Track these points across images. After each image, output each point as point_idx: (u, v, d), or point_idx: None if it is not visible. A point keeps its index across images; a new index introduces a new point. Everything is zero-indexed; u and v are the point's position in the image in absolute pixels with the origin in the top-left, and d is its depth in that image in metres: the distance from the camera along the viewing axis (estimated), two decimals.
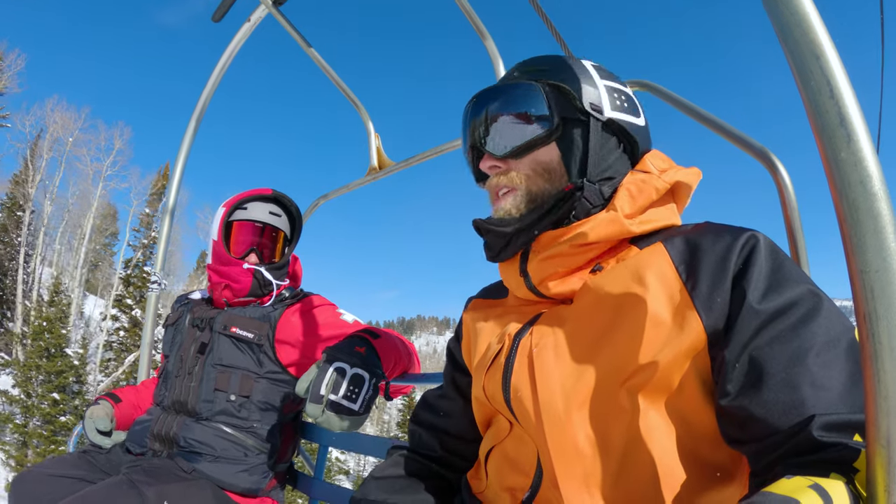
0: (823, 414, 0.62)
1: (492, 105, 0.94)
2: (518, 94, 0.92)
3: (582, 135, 0.90)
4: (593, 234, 0.85)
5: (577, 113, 0.90)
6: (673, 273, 0.79)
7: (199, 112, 2.68)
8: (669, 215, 0.91)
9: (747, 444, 0.70)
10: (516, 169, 0.92)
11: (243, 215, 1.99)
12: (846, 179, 0.51)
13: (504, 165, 0.93)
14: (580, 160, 0.90)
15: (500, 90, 0.94)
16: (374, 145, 2.36)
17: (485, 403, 0.96)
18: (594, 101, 0.90)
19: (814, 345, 0.67)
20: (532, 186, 0.91)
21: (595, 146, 0.90)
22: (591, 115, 0.90)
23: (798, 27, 0.53)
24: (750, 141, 1.22)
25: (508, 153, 0.92)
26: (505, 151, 0.92)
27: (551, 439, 0.79)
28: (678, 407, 0.77)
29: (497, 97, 0.94)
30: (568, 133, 0.91)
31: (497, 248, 0.94)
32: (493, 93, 0.95)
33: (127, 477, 1.60)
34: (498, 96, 0.94)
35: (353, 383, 1.41)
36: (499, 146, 0.92)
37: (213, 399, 1.81)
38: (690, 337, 0.74)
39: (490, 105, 0.94)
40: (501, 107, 0.93)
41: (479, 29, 1.82)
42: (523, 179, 0.92)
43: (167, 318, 2.12)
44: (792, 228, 1.17)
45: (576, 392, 0.79)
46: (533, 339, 0.87)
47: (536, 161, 0.91)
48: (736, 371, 0.70)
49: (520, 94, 0.92)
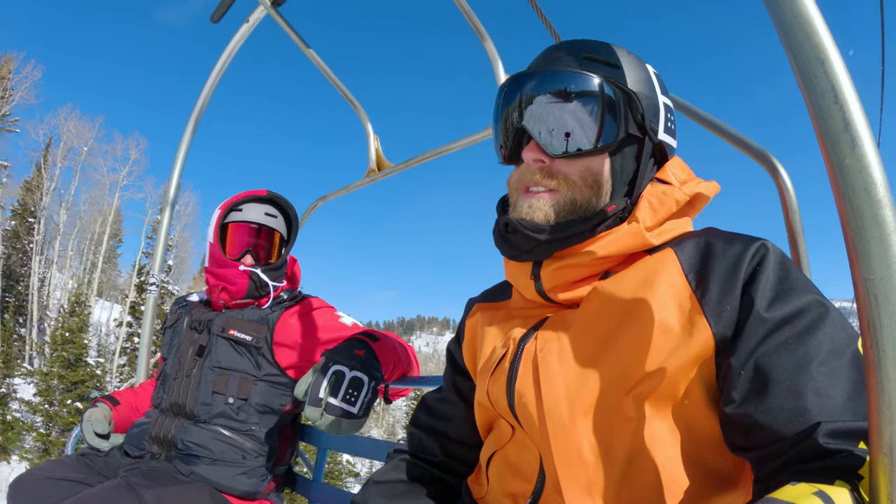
0: (828, 421, 0.62)
1: (556, 91, 0.84)
2: (588, 89, 0.82)
3: (635, 152, 0.87)
4: (613, 246, 0.83)
5: (637, 129, 0.85)
6: (682, 280, 0.78)
7: (198, 112, 2.67)
8: (684, 226, 0.89)
9: (752, 451, 0.69)
10: (564, 172, 0.85)
11: (238, 217, 1.98)
12: (851, 186, 0.50)
13: (550, 162, 0.85)
14: (629, 179, 0.87)
15: (566, 76, 0.84)
16: (372, 147, 2.35)
17: (488, 408, 0.94)
18: (653, 120, 0.86)
19: (819, 353, 0.66)
20: (577, 195, 0.84)
21: (643, 167, 0.87)
22: (648, 135, 0.86)
23: (802, 31, 0.52)
24: (751, 143, 1.21)
25: (563, 154, 0.84)
26: (559, 152, 0.83)
27: (555, 445, 0.79)
28: (683, 414, 0.76)
29: (563, 82, 0.83)
30: (623, 148, 0.86)
31: (521, 249, 0.88)
32: (555, 77, 0.85)
33: (125, 480, 1.59)
34: (564, 81, 0.83)
35: (352, 386, 1.41)
36: (553, 143, 0.83)
37: (211, 402, 1.80)
38: (699, 344, 0.73)
39: (554, 90, 0.84)
40: (568, 98, 0.83)
41: (479, 30, 1.81)
42: (569, 185, 0.85)
43: (165, 320, 2.11)
44: (793, 231, 1.17)
45: (581, 398, 0.78)
46: (538, 344, 0.86)
47: (588, 169, 0.85)
48: (741, 378, 0.70)
49: (590, 91, 0.82)
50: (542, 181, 0.86)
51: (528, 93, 0.86)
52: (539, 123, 0.84)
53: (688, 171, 0.91)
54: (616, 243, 0.83)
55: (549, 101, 0.84)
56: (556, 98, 0.84)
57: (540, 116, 0.84)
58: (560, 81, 0.84)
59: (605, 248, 0.83)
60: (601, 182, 0.85)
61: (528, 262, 0.90)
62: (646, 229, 0.83)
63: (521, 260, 0.90)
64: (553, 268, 0.87)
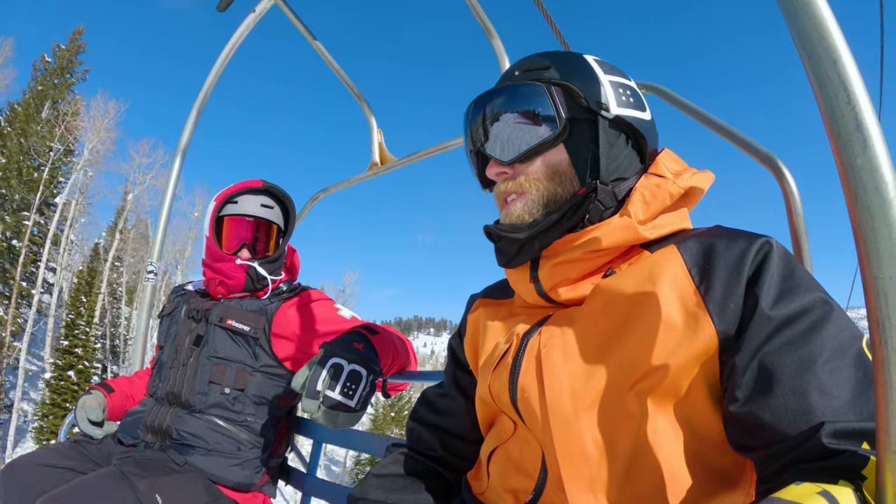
0: (833, 421, 0.62)
1: (494, 108, 0.91)
2: (521, 95, 0.89)
3: (590, 134, 0.88)
4: (606, 239, 0.83)
5: (584, 112, 0.87)
6: (686, 276, 0.78)
7: (201, 102, 2.66)
8: (681, 220, 0.89)
9: (755, 451, 0.69)
10: (525, 173, 0.90)
11: (234, 209, 1.96)
12: (862, 185, 0.50)
13: (511, 171, 0.91)
14: (591, 161, 0.88)
15: (502, 92, 0.91)
16: (375, 140, 2.35)
17: (489, 403, 0.94)
18: (600, 99, 0.88)
19: (823, 352, 0.66)
20: (543, 190, 0.89)
21: (604, 146, 0.88)
22: (599, 114, 0.87)
23: (815, 31, 0.52)
24: (757, 147, 1.21)
25: (515, 158, 0.89)
26: (512, 157, 0.89)
27: (558, 441, 0.78)
28: (685, 412, 0.76)
29: (499, 99, 0.91)
30: (576, 134, 0.88)
31: (510, 254, 0.91)
32: (494, 95, 0.92)
33: (118, 469, 1.59)
34: (500, 99, 0.91)
35: (350, 379, 1.40)
36: (505, 152, 0.90)
37: (207, 391, 1.79)
38: (702, 341, 0.73)
39: (492, 108, 0.92)
40: (504, 110, 0.90)
41: (487, 27, 1.81)
42: (533, 184, 0.89)
43: (163, 308, 2.11)
44: (797, 234, 1.17)
45: (584, 394, 0.78)
46: (542, 340, 0.86)
47: (546, 164, 0.89)
48: (746, 377, 0.70)
49: (523, 96, 0.89)
50: (509, 189, 0.91)
51: (475, 120, 0.94)
52: (490, 141, 0.92)
53: (681, 163, 0.92)
54: (609, 236, 0.83)
55: (493, 118, 0.91)
56: (497, 114, 0.91)
57: (489, 134, 0.92)
58: (498, 99, 0.92)
59: (598, 241, 0.83)
60: (562, 171, 0.89)
61: (526, 267, 0.91)
62: (638, 223, 0.83)
63: (514, 265, 0.92)
64: (549, 266, 0.88)
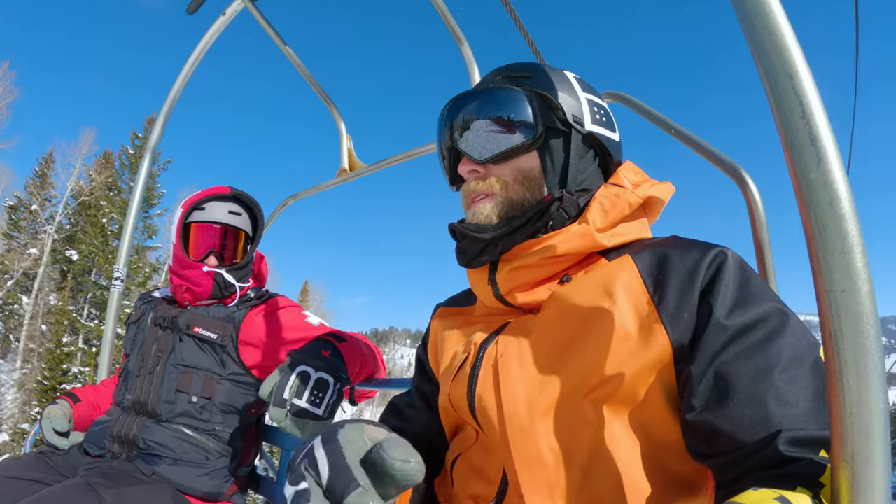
0: (790, 430, 0.62)
1: (474, 108, 0.92)
2: (503, 98, 0.90)
3: (563, 145, 0.91)
4: (563, 246, 0.85)
5: (559, 123, 0.90)
6: (640, 286, 0.79)
7: (168, 107, 2.62)
8: (640, 229, 0.91)
9: (713, 458, 0.70)
10: (496, 175, 0.91)
11: (201, 216, 1.93)
12: (815, 199, 0.51)
13: (483, 170, 0.92)
14: (560, 170, 0.91)
15: (484, 93, 0.92)
16: (345, 146, 2.34)
17: (450, 412, 0.95)
18: (576, 113, 0.91)
19: (780, 361, 0.67)
20: (511, 194, 0.90)
21: (575, 157, 0.91)
22: (573, 127, 0.90)
23: (773, 46, 0.53)
24: (721, 156, 1.23)
25: (490, 158, 0.90)
26: (486, 156, 0.90)
27: (515, 449, 0.79)
28: (642, 419, 0.77)
29: (480, 100, 0.92)
30: (549, 143, 0.90)
31: (471, 254, 0.92)
32: (475, 95, 0.93)
33: (84, 480, 1.55)
34: (481, 99, 0.92)
35: (318, 388, 1.39)
36: (480, 150, 0.91)
37: (174, 400, 1.76)
38: (656, 350, 0.74)
39: (472, 108, 0.92)
40: (484, 110, 0.91)
41: (456, 33, 1.81)
42: (503, 186, 0.90)
43: (129, 315, 2.06)
44: (760, 244, 1.18)
45: (540, 402, 0.79)
46: (498, 349, 0.87)
47: (517, 168, 0.90)
48: (702, 386, 0.70)
49: (504, 99, 0.90)
50: (479, 188, 0.92)
51: (454, 117, 0.95)
52: (466, 138, 0.92)
53: (641, 174, 0.94)
54: (567, 242, 0.84)
55: (473, 118, 0.92)
56: (476, 114, 0.92)
57: (466, 132, 0.92)
58: (478, 99, 0.92)
59: (556, 246, 0.85)
60: (532, 177, 0.90)
61: (485, 269, 0.92)
62: (596, 230, 0.85)
63: (475, 265, 0.93)
64: (507, 270, 0.89)
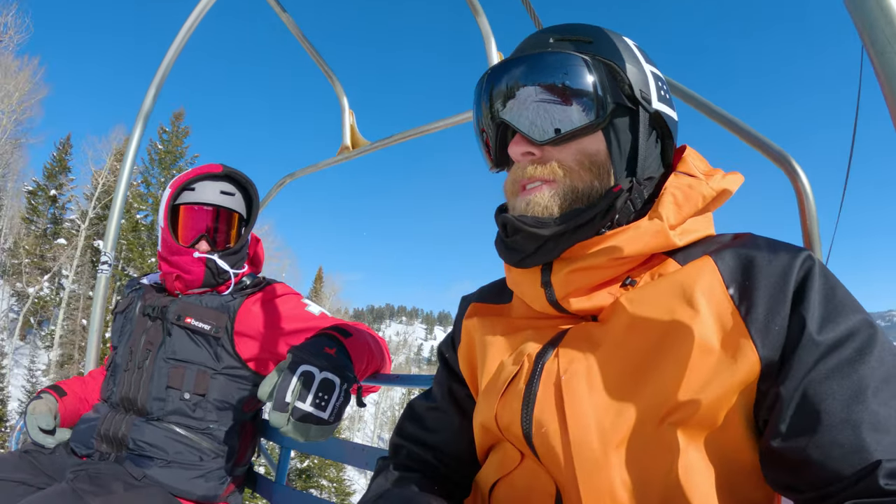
0: (889, 460, 0.55)
1: (528, 77, 0.77)
2: (564, 66, 0.76)
3: (629, 125, 0.78)
4: (634, 245, 0.73)
5: (626, 100, 0.77)
6: (724, 294, 0.68)
7: (160, 79, 2.47)
8: (707, 225, 0.80)
9: (801, 492, 0.61)
10: (557, 159, 0.77)
11: (191, 197, 1.78)
12: None
13: (540, 153, 0.78)
14: (628, 155, 0.78)
15: (538, 60, 0.77)
16: (347, 122, 2.21)
17: (494, 433, 0.82)
18: (643, 89, 0.78)
19: (872, 381, 0.59)
20: (577, 182, 0.77)
21: (643, 141, 0.78)
22: (640, 104, 0.78)
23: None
24: (770, 144, 1.13)
25: (552, 139, 0.76)
26: (548, 137, 0.76)
27: (583, 483, 0.68)
28: (720, 444, 0.67)
29: (536, 68, 0.77)
30: (614, 122, 0.78)
31: (525, 252, 0.78)
32: (527, 62, 0.78)
33: (70, 485, 1.45)
34: (537, 67, 0.77)
35: (323, 389, 1.27)
36: (540, 130, 0.77)
37: (165, 397, 1.64)
38: (744, 368, 0.64)
39: (526, 77, 0.78)
40: (542, 80, 0.76)
41: (473, 4, 1.67)
42: (566, 172, 0.77)
43: (117, 304, 1.94)
44: (811, 237, 1.10)
45: (614, 430, 0.68)
46: (560, 364, 0.74)
47: (582, 152, 0.77)
48: (790, 408, 0.62)
49: (566, 68, 0.76)
50: (535, 174, 0.78)
51: (502, 86, 0.80)
52: (520, 113, 0.78)
53: (706, 163, 0.84)
54: (637, 241, 0.73)
55: (526, 88, 0.78)
56: (532, 83, 0.77)
57: (519, 106, 0.78)
58: (534, 66, 0.78)
59: (625, 246, 0.73)
60: (599, 162, 0.77)
61: (537, 269, 0.79)
62: (669, 227, 0.73)
63: (528, 265, 0.79)
64: (567, 271, 0.76)
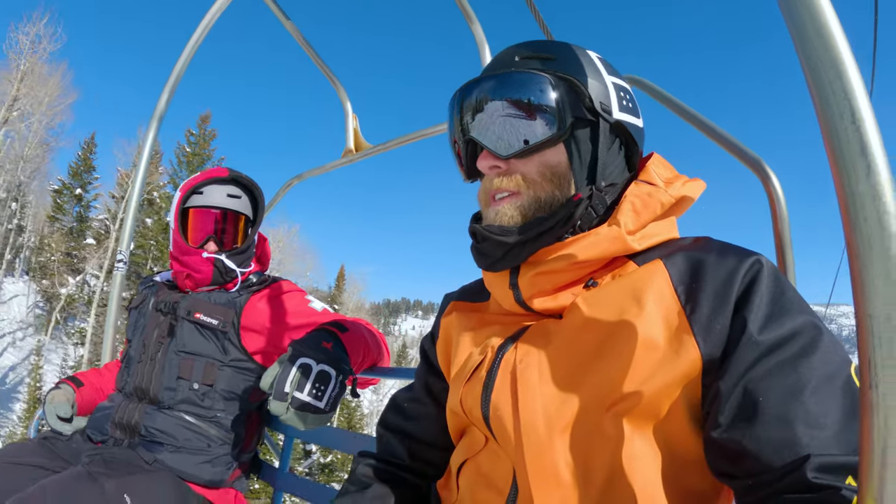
0: (818, 455, 0.60)
1: (493, 95, 0.83)
2: (526, 85, 0.81)
3: (590, 136, 0.83)
4: (592, 250, 0.78)
5: (587, 112, 0.82)
6: (671, 295, 0.74)
7: (174, 81, 2.55)
8: (669, 229, 0.85)
9: (737, 479, 0.67)
10: (521, 171, 0.83)
11: (200, 201, 1.89)
12: (862, 215, 0.45)
13: (506, 166, 0.84)
14: (588, 165, 0.83)
15: (504, 78, 0.83)
16: (350, 126, 2.29)
17: (461, 416, 0.90)
18: (603, 101, 0.83)
19: (811, 380, 0.64)
20: (539, 192, 0.82)
21: (603, 149, 0.83)
22: (601, 116, 0.82)
23: (819, 41, 0.47)
24: (743, 149, 1.18)
25: (515, 153, 0.82)
26: (512, 151, 0.82)
27: (530, 463, 0.74)
28: (664, 434, 0.73)
29: (500, 87, 0.83)
30: (576, 134, 0.83)
31: (493, 257, 0.85)
32: (494, 81, 0.83)
33: (86, 469, 1.54)
34: (501, 86, 0.83)
35: (319, 380, 1.36)
36: (504, 145, 0.82)
37: (175, 387, 1.74)
38: (686, 364, 0.70)
39: (491, 95, 0.83)
40: (504, 98, 0.82)
41: (467, 12, 1.74)
42: (529, 184, 0.82)
43: (131, 300, 2.04)
44: (782, 240, 1.14)
45: (559, 416, 0.74)
46: (518, 355, 0.81)
47: (544, 164, 0.82)
48: (730, 403, 0.67)
49: (528, 86, 0.81)
50: (502, 186, 0.84)
51: (470, 105, 0.85)
52: (486, 130, 0.84)
53: (671, 169, 0.88)
54: (596, 247, 0.79)
55: (491, 106, 0.83)
56: (496, 101, 0.83)
57: (485, 123, 0.84)
58: (499, 84, 0.83)
59: (584, 251, 0.79)
60: (560, 173, 0.83)
61: (506, 272, 0.86)
62: (627, 233, 0.79)
63: (497, 269, 0.86)
64: (531, 274, 0.82)
